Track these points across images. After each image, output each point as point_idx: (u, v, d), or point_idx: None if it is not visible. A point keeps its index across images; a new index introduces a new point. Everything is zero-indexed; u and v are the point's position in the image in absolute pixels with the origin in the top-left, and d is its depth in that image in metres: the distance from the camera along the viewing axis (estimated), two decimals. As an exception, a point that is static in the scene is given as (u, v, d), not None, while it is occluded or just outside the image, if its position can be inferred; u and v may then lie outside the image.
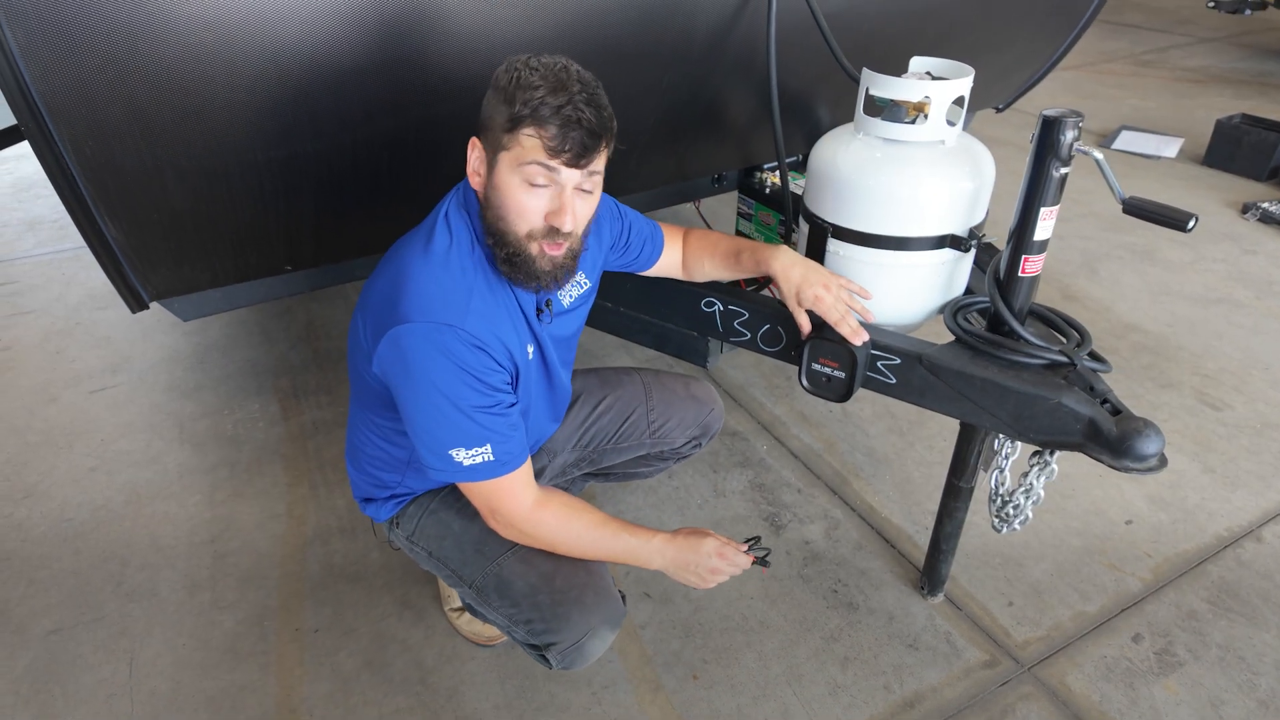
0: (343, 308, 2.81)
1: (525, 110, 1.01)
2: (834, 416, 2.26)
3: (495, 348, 1.11)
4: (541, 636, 1.24)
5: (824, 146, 1.41)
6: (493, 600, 1.28)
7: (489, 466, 1.12)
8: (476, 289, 1.11)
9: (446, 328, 1.06)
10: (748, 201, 2.21)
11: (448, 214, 1.15)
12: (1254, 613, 1.68)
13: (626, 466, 1.67)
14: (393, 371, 1.10)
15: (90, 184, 1.25)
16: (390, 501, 1.38)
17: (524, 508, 1.19)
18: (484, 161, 1.10)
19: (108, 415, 2.26)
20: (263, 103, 1.27)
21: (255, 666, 1.57)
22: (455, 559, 1.32)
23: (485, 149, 1.09)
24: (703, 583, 1.26)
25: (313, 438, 2.18)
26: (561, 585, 1.23)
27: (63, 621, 1.66)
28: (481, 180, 1.11)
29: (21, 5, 1.03)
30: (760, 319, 1.48)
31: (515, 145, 1.04)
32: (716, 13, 1.62)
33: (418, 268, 1.10)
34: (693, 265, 1.51)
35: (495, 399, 1.11)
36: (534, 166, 1.04)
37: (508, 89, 1.03)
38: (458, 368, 1.07)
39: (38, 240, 3.27)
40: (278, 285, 1.76)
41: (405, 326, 1.06)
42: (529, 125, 1.02)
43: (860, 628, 1.65)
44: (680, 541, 1.25)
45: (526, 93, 1.01)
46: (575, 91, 1.02)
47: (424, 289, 1.08)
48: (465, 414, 1.09)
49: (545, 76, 1.02)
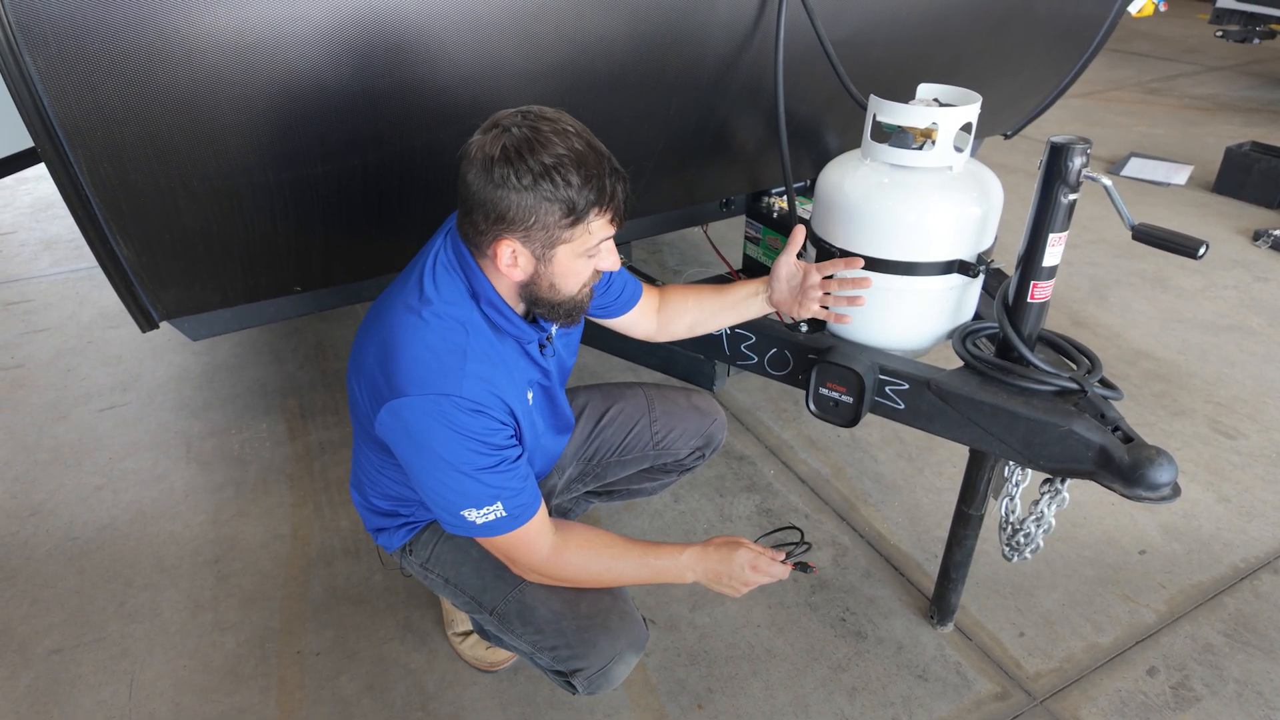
0: (351, 328, 2.82)
1: (586, 206, 1.02)
2: (842, 441, 2.24)
3: (495, 407, 1.10)
4: (568, 663, 1.23)
5: (831, 172, 1.42)
6: (515, 627, 1.26)
7: (502, 522, 1.12)
8: (471, 350, 1.09)
9: (444, 398, 1.05)
10: (755, 226, 2.22)
11: (434, 271, 1.12)
12: (1272, 646, 1.64)
13: (630, 482, 1.65)
14: (396, 440, 1.11)
15: (104, 205, 1.27)
16: (402, 529, 1.36)
17: (542, 555, 1.18)
18: (529, 257, 1.07)
19: (116, 433, 2.27)
20: (274, 125, 1.29)
21: (256, 689, 1.55)
22: (474, 586, 1.30)
23: (528, 245, 1.05)
24: (737, 594, 1.24)
25: (319, 458, 2.18)
26: (586, 611, 1.22)
27: (64, 641, 1.65)
28: (525, 272, 1.08)
29: (43, 32, 1.05)
30: (767, 343, 1.48)
31: (583, 235, 1.05)
32: (725, 41, 1.64)
33: (407, 334, 1.08)
34: (674, 306, 1.47)
35: (500, 457, 1.11)
36: (606, 242, 1.08)
37: (544, 189, 0.99)
38: (460, 435, 1.06)
39: (54, 259, 3.31)
40: (287, 305, 1.77)
41: (403, 400, 1.06)
42: (593, 214, 1.04)
43: (869, 657, 1.62)
44: (712, 554, 1.23)
45: (577, 189, 1.00)
46: (601, 151, 1.04)
47: (417, 357, 1.06)
48: (472, 478, 1.08)
49: (573, 159, 1.00)
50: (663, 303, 1.47)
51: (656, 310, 1.47)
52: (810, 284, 1.33)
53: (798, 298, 1.35)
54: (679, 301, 1.46)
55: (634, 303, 1.43)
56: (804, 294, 1.34)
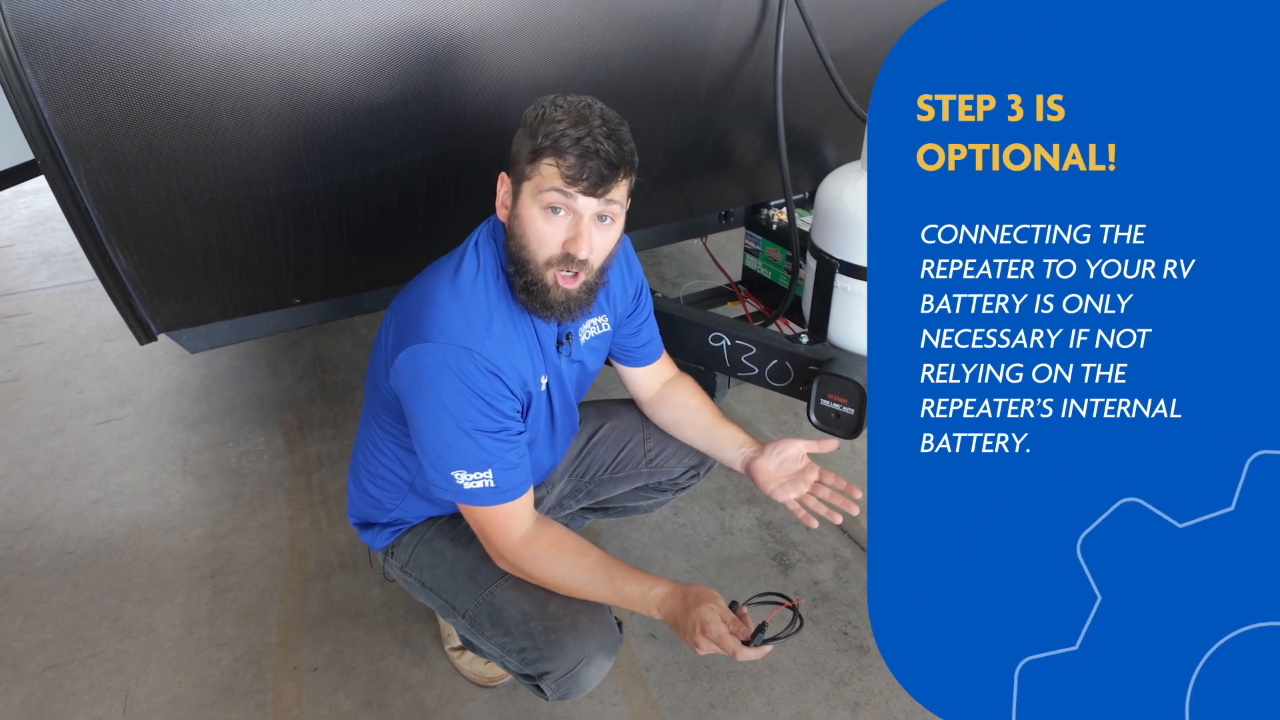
0: (350, 341, 2.82)
1: (546, 141, 1.06)
2: (843, 453, 2.24)
3: (509, 375, 1.13)
4: (535, 665, 1.21)
5: (831, 184, 1.42)
6: (485, 630, 1.25)
7: (489, 492, 1.14)
8: (498, 316, 1.14)
9: (464, 350, 1.09)
10: (755, 238, 2.22)
11: (478, 242, 1.19)
12: None
13: (625, 499, 1.65)
14: (406, 387, 1.13)
15: (103, 217, 1.27)
16: (386, 530, 1.37)
17: (512, 540, 1.18)
18: (510, 193, 1.14)
19: (112, 447, 2.26)
20: (275, 138, 1.29)
21: (252, 705, 1.54)
22: (448, 588, 1.30)
23: (511, 181, 1.14)
24: (696, 650, 1.14)
25: (317, 471, 2.16)
26: (555, 611, 1.21)
27: (59, 657, 1.63)
28: (507, 211, 1.15)
29: (44, 45, 1.05)
30: (768, 354, 1.48)
31: (536, 175, 1.09)
32: (724, 54, 1.65)
33: (444, 291, 1.14)
34: (676, 395, 1.48)
35: (502, 424, 1.13)
36: (552, 193, 1.08)
37: (533, 124, 1.09)
38: (469, 390, 1.09)
39: (52, 272, 3.31)
40: (285, 318, 1.76)
41: (423, 346, 1.09)
42: (549, 155, 1.07)
43: (871, 671, 1.61)
44: (679, 600, 1.15)
45: (549, 126, 1.07)
46: (595, 125, 1.07)
47: (447, 311, 1.12)
48: (471, 437, 1.11)
49: (568, 112, 1.08)
50: (670, 382, 1.50)
51: (661, 384, 1.50)
52: (807, 477, 1.35)
53: (784, 479, 1.35)
54: (683, 395, 1.48)
55: (650, 361, 1.46)
56: (795, 480, 1.35)
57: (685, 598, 1.15)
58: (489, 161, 1.53)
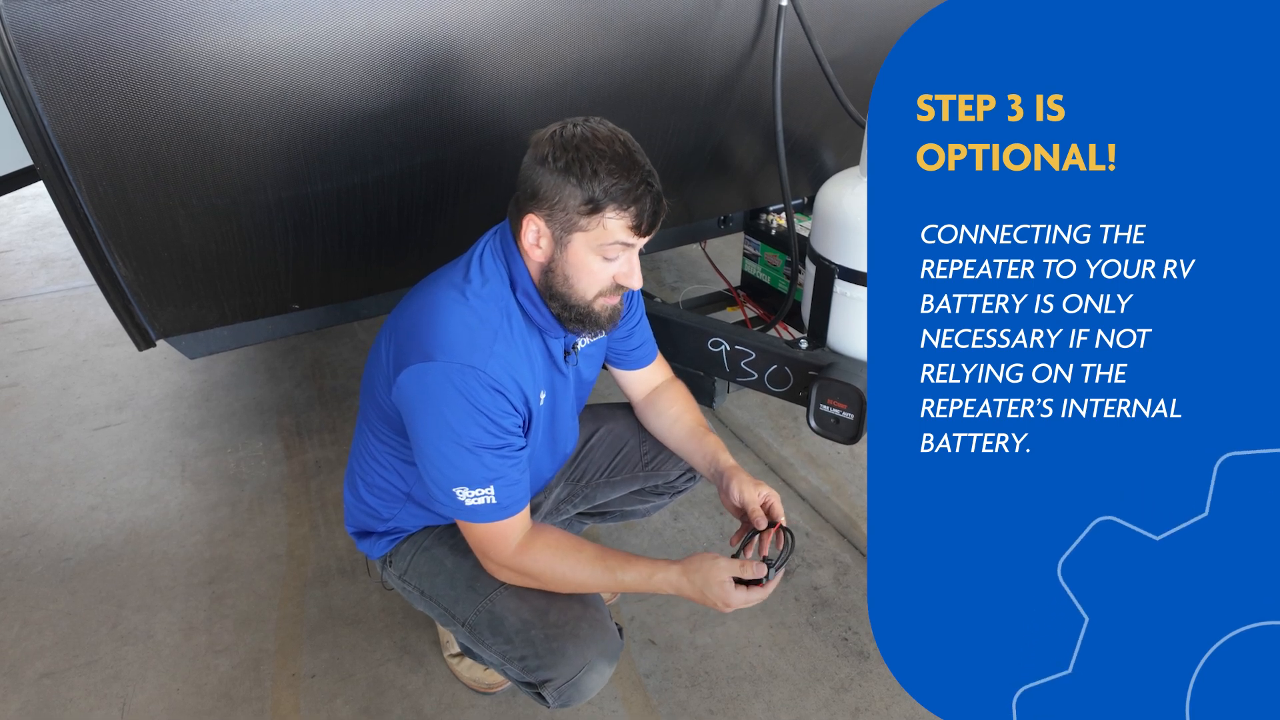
0: (349, 346, 2.82)
1: (606, 198, 1.05)
2: (842, 458, 2.23)
3: (512, 391, 1.13)
4: (536, 673, 1.20)
5: (830, 189, 1.42)
6: (486, 638, 1.25)
7: (490, 510, 1.13)
8: (501, 333, 1.13)
9: (469, 369, 1.08)
10: (753, 243, 2.23)
11: (483, 257, 1.18)
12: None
13: (623, 503, 1.64)
14: (409, 404, 1.12)
15: (102, 223, 1.27)
16: (384, 539, 1.36)
17: (509, 549, 1.18)
18: (549, 238, 1.11)
19: (111, 453, 2.25)
20: (274, 145, 1.29)
21: (250, 713, 1.53)
22: (448, 596, 1.29)
23: (549, 226, 1.10)
24: (725, 608, 1.19)
25: (315, 476, 2.16)
26: (555, 619, 1.20)
27: (56, 664, 1.62)
28: (545, 254, 1.13)
29: (43, 51, 1.06)
30: (767, 359, 1.48)
31: (598, 228, 1.08)
32: (723, 60, 1.65)
33: (447, 306, 1.13)
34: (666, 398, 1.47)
35: (505, 441, 1.13)
36: (617, 246, 1.09)
37: (573, 173, 1.05)
38: (473, 408, 1.09)
39: (50, 278, 3.30)
40: (284, 324, 1.76)
41: (428, 365, 1.09)
42: (611, 209, 1.06)
43: (872, 678, 1.60)
44: (684, 581, 1.19)
45: (603, 181, 1.04)
46: (641, 162, 1.07)
47: (451, 328, 1.11)
48: (474, 454, 1.10)
49: (610, 158, 1.05)
50: (659, 388, 1.49)
51: (653, 388, 1.49)
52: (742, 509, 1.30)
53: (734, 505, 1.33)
54: (666, 402, 1.46)
55: (644, 364, 1.46)
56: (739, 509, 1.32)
57: (690, 575, 1.19)
58: (488, 168, 1.53)
